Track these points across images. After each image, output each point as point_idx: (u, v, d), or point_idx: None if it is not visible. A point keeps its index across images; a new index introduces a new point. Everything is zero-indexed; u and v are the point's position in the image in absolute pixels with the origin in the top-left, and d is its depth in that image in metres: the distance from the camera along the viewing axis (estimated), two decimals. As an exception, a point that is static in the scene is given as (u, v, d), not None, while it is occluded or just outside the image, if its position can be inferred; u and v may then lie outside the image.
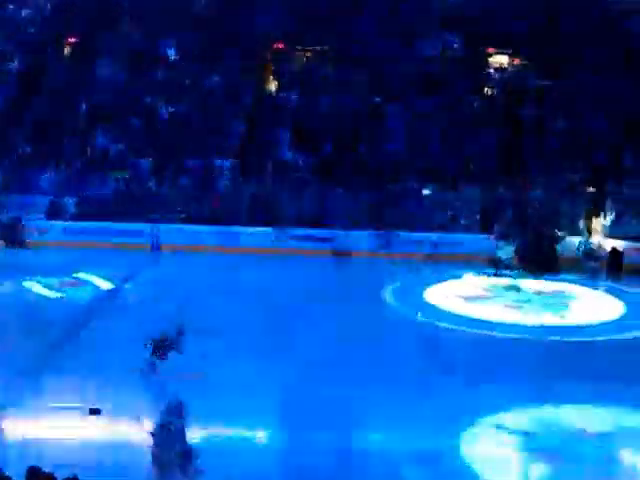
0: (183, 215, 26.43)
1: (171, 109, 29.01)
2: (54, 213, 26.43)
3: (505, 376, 15.68)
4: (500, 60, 31.30)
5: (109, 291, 21.35)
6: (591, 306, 21.51)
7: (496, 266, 23.84)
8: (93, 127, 28.68)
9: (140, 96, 29.49)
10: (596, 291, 22.72)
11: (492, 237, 24.88)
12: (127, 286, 21.94)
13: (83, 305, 20.07)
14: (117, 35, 31.38)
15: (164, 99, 29.29)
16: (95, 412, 13.06)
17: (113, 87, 29.83)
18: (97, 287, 21.60)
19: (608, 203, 26.15)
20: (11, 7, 32.79)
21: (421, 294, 21.98)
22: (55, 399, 13.57)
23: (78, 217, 26.38)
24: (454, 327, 19.34)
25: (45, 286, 21.33)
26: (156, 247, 25.67)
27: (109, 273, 22.24)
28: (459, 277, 23.55)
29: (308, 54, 31.31)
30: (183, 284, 21.81)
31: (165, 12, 31.46)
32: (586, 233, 25.77)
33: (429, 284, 22.81)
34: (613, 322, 20.11)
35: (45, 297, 20.71)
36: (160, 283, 22.25)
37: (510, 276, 23.58)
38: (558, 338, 18.74)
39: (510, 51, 31.14)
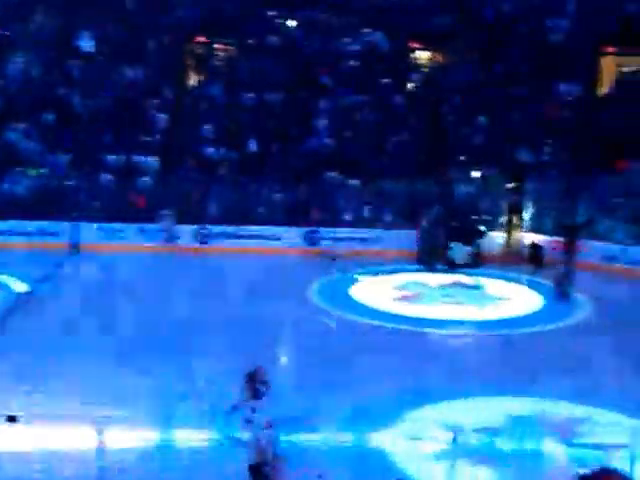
0: (102, 213, 25.80)
1: (89, 103, 28.19)
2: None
3: (429, 370, 15.73)
4: (423, 56, 31.58)
5: (25, 293, 20.57)
6: (512, 300, 21.77)
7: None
8: (4, 123, 27.66)
9: (55, 90, 28.59)
10: (517, 285, 23.03)
11: (417, 232, 25.15)
12: (44, 287, 21.17)
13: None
14: (30, 26, 30.37)
15: (80, 93, 28.49)
16: (12, 420, 12.33)
17: (25, 81, 28.93)
18: (11, 289, 20.79)
19: (528, 198, 26.68)
20: None
21: (346, 291, 22.00)
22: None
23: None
24: (380, 324, 19.25)
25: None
26: (75, 246, 25.02)
27: (25, 274, 21.43)
28: (386, 273, 23.69)
29: (231, 48, 30.96)
30: (101, 284, 21.33)
31: (81, 3, 30.76)
32: (507, 228, 26.26)
33: (354, 281, 22.86)
34: (532, 315, 20.46)
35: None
36: (78, 283, 21.76)
37: (436, 271, 24.04)
38: (479, 332, 18.96)
39: (433, 47, 31.40)
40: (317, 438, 13.54)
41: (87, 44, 29.82)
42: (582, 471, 9.47)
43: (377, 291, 22.14)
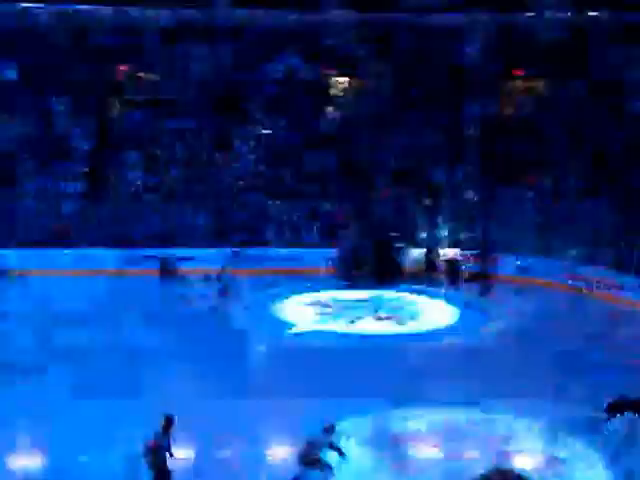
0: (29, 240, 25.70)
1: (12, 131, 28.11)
2: None
3: (353, 383, 15.99)
4: (341, 81, 32.01)
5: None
6: (430, 313, 22.24)
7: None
8: None
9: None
10: (435, 299, 23.49)
11: (337, 251, 25.57)
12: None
13: None
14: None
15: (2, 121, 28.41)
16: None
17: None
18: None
19: (443, 215, 27.34)
20: None
21: (270, 309, 22.30)
22: None
23: None
24: (303, 339, 19.70)
25: None
26: (3, 272, 24.87)
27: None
28: (306, 291, 23.94)
29: (152, 76, 31.09)
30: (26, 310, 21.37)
31: (5, 33, 30.68)
32: (424, 244, 26.72)
33: (277, 299, 23.13)
34: (450, 327, 20.97)
35: None
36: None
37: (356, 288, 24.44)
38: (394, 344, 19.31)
39: (350, 72, 31.85)
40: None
41: (11, 74, 29.75)
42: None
43: (299, 307, 22.46)
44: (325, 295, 23.76)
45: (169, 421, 11.14)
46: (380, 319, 21.58)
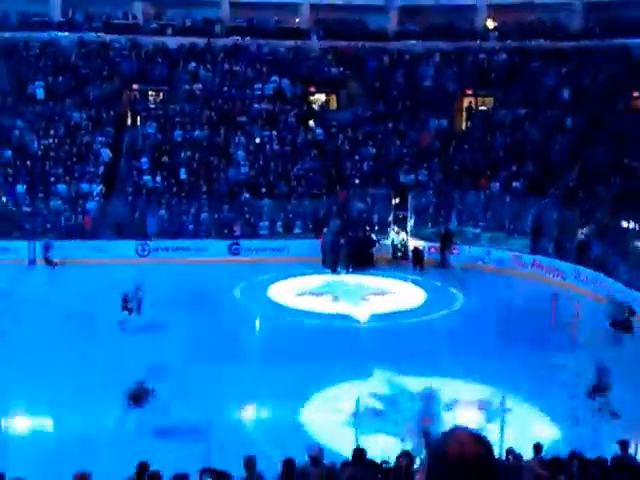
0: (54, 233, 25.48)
1: (43, 141, 27.85)
2: None
3: (332, 356, 16.18)
4: (320, 99, 32.24)
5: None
6: (400, 295, 22.42)
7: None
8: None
9: (12, 131, 28.14)
10: (404, 282, 23.74)
11: (321, 242, 25.51)
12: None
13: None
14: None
15: (36, 132, 28.13)
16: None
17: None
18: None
19: (409, 211, 27.39)
20: None
21: (264, 292, 22.31)
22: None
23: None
24: (289, 318, 19.86)
25: None
26: (33, 262, 24.76)
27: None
28: (294, 276, 23.91)
29: (160, 94, 30.97)
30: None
31: (34, 57, 30.44)
32: (393, 236, 26.91)
33: (270, 283, 23.12)
34: (419, 307, 21.21)
35: None
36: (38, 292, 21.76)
37: (337, 273, 24.51)
38: (374, 324, 19.57)
39: (327, 90, 32.04)
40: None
41: (38, 91, 29.47)
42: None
43: (290, 291, 22.44)
44: (310, 280, 23.75)
45: None
46: (361, 299, 21.73)
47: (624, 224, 23.09)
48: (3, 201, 26.04)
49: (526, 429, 12.90)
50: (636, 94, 29.09)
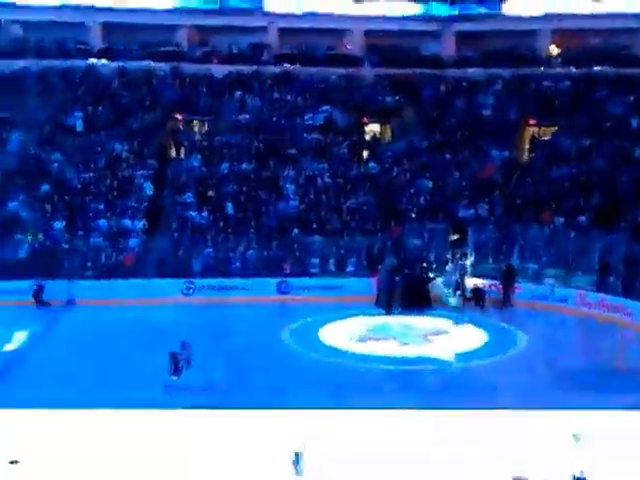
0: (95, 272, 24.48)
1: (83, 175, 27.00)
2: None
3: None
4: (373, 129, 31.22)
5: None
6: (461, 337, 21.03)
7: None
8: (6, 193, 26.35)
9: (49, 164, 27.41)
10: (463, 324, 22.14)
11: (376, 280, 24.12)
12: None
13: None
14: (28, 109, 29.27)
15: (75, 165, 27.34)
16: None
17: (24, 156, 27.71)
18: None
19: (469, 248, 25.96)
20: None
21: (316, 334, 21.00)
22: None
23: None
24: (346, 362, 18.46)
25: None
26: (72, 302, 23.67)
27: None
28: (350, 317, 22.63)
29: (206, 124, 30.20)
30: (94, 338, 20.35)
31: (71, 85, 29.95)
32: (453, 274, 25.53)
33: (323, 324, 21.82)
34: (479, 349, 19.86)
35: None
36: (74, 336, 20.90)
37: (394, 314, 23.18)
38: (436, 367, 18.18)
39: (382, 120, 31.09)
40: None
41: (77, 123, 28.78)
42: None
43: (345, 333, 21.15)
44: (367, 321, 22.44)
45: None
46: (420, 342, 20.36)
47: None
48: (40, 238, 25.10)
49: None
50: None
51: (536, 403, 15.10)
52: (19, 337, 20.06)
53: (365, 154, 29.52)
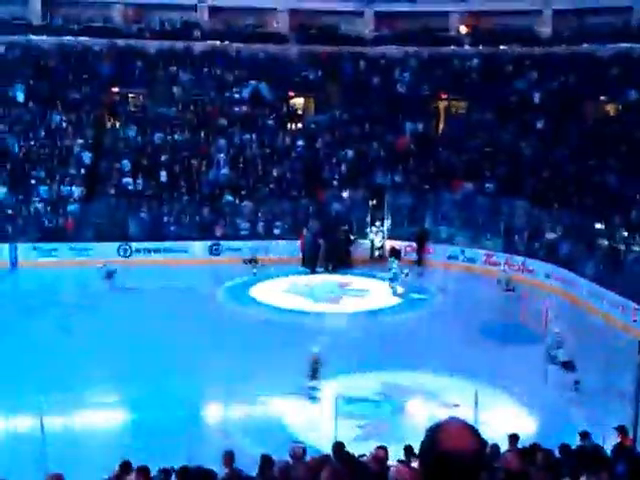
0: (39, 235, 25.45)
1: (23, 145, 27.69)
2: None
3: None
4: (298, 101, 32.23)
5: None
6: (379, 293, 22.72)
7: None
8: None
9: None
10: (381, 281, 23.78)
11: (300, 242, 25.67)
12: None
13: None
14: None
15: (15, 136, 27.96)
16: None
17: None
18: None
19: (386, 212, 27.55)
20: None
21: (248, 291, 22.50)
22: None
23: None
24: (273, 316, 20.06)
25: None
26: (14, 264, 24.63)
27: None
28: (277, 277, 24.06)
29: (141, 97, 30.87)
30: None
31: (15, 63, 30.19)
32: (371, 236, 27.13)
33: (253, 283, 23.29)
34: (396, 305, 21.52)
35: None
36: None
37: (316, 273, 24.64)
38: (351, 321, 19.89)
39: (306, 95, 32.02)
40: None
41: (19, 94, 29.27)
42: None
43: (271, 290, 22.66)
44: (292, 280, 23.93)
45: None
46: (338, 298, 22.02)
47: (597, 226, 23.50)
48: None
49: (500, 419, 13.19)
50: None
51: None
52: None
53: (290, 126, 30.50)
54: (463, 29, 32.71)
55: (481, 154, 28.85)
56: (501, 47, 31.85)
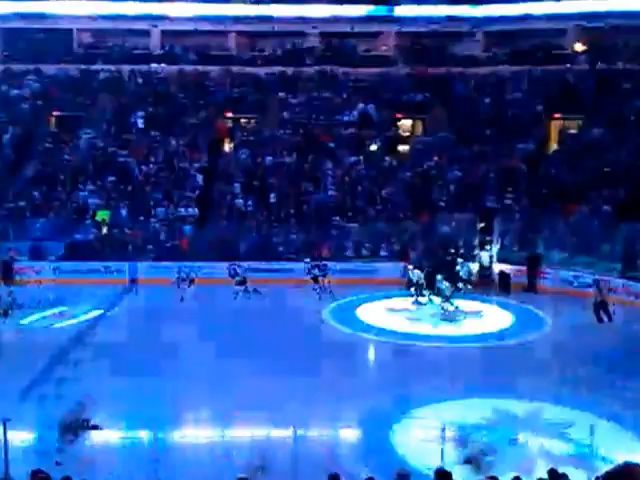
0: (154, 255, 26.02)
1: (143, 168, 28.51)
2: (37, 255, 25.46)
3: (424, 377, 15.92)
4: (406, 124, 31.75)
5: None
6: (488, 318, 21.72)
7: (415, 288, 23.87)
8: (77, 184, 28.07)
9: (115, 157, 28.99)
10: (490, 305, 22.87)
11: (408, 265, 24.81)
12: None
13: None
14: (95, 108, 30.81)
15: (136, 160, 28.87)
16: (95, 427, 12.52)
17: (92, 150, 29.41)
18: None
19: (495, 235, 26.60)
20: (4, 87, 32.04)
21: (353, 312, 22.00)
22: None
23: (66, 258, 25.52)
24: (379, 338, 19.41)
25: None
26: (133, 281, 25.20)
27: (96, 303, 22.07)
28: (384, 298, 23.44)
29: (253, 121, 31.17)
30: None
31: (135, 88, 31.26)
32: (480, 259, 26.13)
33: (359, 304, 22.78)
34: (506, 330, 20.42)
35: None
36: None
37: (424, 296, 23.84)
38: (465, 345, 18.98)
39: (413, 116, 31.57)
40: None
41: (139, 121, 30.22)
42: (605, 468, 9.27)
43: (376, 313, 22.07)
44: (398, 302, 23.25)
45: None
46: (447, 322, 21.13)
47: None
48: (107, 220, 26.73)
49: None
50: None
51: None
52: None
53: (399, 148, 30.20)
54: (579, 46, 31.35)
55: (596, 174, 27.31)
56: (618, 63, 30.29)
